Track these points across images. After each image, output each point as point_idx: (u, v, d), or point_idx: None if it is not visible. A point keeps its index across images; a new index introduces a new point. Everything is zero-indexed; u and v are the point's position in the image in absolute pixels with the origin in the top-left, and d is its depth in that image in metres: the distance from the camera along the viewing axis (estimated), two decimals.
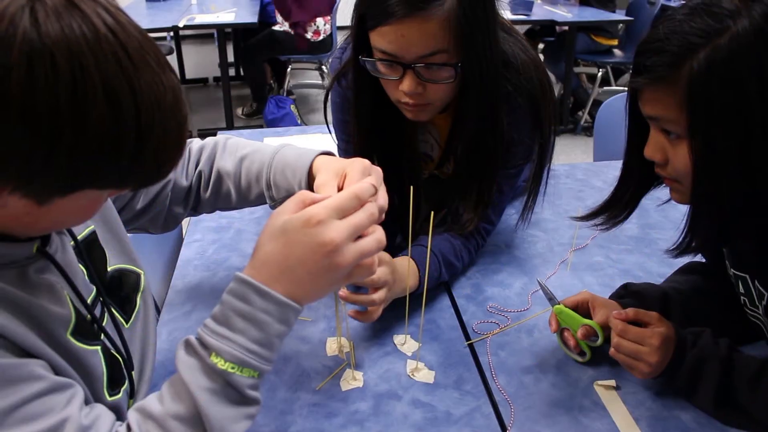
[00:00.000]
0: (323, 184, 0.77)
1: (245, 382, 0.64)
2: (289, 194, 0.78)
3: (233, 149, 0.97)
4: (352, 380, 0.93)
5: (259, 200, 0.95)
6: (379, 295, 0.94)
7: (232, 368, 0.63)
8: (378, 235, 0.68)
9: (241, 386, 0.64)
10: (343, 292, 0.93)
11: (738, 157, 0.69)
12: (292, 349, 1.00)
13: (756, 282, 0.82)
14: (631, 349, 0.86)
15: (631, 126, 0.82)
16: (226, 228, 1.36)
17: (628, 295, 1.00)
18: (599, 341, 0.94)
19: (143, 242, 1.36)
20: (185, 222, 1.44)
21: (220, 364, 0.63)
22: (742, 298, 0.88)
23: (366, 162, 0.78)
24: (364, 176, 0.76)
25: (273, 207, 0.91)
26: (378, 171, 0.78)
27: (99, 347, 0.70)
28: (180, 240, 1.40)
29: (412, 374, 0.95)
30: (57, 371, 0.63)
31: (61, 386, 0.61)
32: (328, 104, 1.22)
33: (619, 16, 4.38)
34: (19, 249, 0.63)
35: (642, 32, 0.74)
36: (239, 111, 4.57)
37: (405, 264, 1.03)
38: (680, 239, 0.81)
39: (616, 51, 4.42)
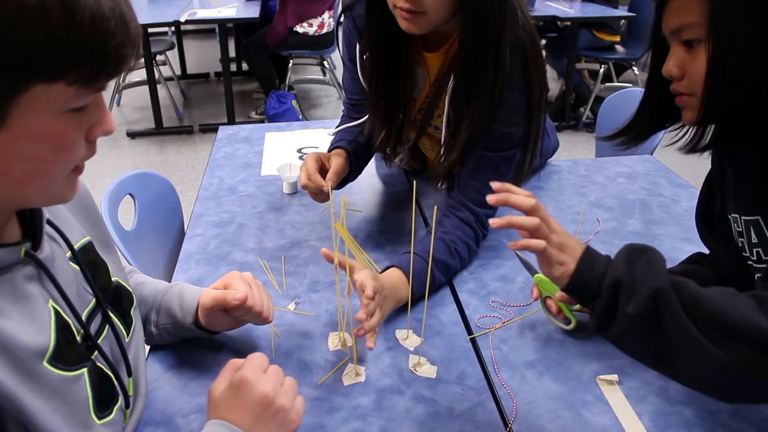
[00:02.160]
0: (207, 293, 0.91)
1: None
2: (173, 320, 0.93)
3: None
4: (355, 375, 0.93)
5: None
6: (375, 320, 0.93)
7: None
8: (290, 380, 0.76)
9: None
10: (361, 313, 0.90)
11: (755, 53, 0.71)
12: (294, 344, 1.00)
13: None
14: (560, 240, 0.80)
15: (654, 52, 0.86)
16: (228, 222, 1.36)
17: None
18: (578, 304, 0.94)
19: (145, 236, 1.36)
20: (186, 216, 1.45)
21: None
22: (754, 250, 0.84)
23: (237, 274, 0.92)
24: (242, 280, 0.91)
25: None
26: (248, 275, 0.93)
27: (85, 369, 0.66)
28: (182, 234, 1.40)
29: (415, 369, 0.95)
30: (23, 407, 0.57)
31: None
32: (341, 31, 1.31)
33: (622, 12, 4.36)
34: (4, 252, 0.59)
35: (645, 28, 0.76)
36: (253, 114, 4.48)
37: (393, 278, 1.04)
38: (692, 136, 0.82)
39: (618, 47, 4.41)
